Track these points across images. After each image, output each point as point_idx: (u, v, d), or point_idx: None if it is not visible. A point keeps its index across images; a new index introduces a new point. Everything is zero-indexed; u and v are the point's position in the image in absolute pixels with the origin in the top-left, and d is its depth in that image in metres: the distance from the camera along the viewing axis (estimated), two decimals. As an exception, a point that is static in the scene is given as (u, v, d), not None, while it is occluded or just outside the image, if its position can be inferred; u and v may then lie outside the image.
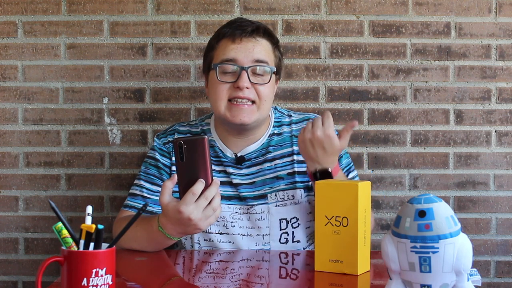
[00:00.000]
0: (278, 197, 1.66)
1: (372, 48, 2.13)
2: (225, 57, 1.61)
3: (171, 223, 1.40)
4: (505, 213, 2.15)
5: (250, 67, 1.60)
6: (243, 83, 1.58)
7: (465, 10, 2.13)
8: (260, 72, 1.62)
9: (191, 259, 1.55)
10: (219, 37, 1.65)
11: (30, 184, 2.13)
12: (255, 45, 1.62)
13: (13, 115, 2.12)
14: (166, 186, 1.38)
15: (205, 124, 1.75)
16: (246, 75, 1.59)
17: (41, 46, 2.11)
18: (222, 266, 1.46)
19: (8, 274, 2.14)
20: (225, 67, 1.61)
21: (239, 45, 1.61)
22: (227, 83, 1.61)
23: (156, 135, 1.76)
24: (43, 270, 0.98)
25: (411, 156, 2.14)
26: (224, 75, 1.62)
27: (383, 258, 1.01)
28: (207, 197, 1.35)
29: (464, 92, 2.14)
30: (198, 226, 1.38)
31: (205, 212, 1.36)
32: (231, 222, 1.66)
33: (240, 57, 1.60)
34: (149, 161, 1.72)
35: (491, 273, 2.16)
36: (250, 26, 1.63)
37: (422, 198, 0.98)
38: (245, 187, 1.67)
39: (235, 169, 1.68)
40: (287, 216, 1.66)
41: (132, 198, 1.69)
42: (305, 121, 1.73)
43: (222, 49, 1.63)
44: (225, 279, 1.31)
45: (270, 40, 1.67)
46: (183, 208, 1.34)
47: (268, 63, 1.63)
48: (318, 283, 1.29)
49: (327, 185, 1.33)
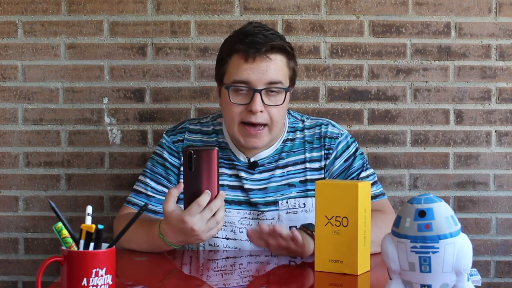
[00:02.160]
0: (289, 205, 1.65)
1: (372, 48, 2.13)
2: (238, 78, 1.55)
3: (172, 231, 1.40)
4: (505, 213, 2.15)
5: (264, 89, 1.56)
6: (256, 107, 1.54)
7: (465, 10, 2.13)
8: (274, 92, 1.57)
9: (198, 258, 1.55)
10: (231, 51, 1.58)
11: (30, 184, 2.13)
12: (269, 65, 1.55)
13: (13, 115, 2.12)
14: (172, 194, 1.38)
15: (217, 124, 1.72)
16: (259, 97, 1.54)
17: (41, 46, 2.11)
18: (230, 262, 1.47)
19: (8, 274, 2.14)
20: (238, 89, 1.57)
21: (252, 65, 1.54)
22: (240, 106, 1.57)
23: (166, 132, 1.73)
24: (43, 270, 0.98)
25: (411, 156, 2.14)
26: (237, 96, 1.57)
27: (383, 258, 1.01)
28: (212, 209, 1.35)
29: (464, 92, 2.14)
30: (200, 237, 1.37)
31: (208, 223, 1.36)
32: (240, 228, 1.64)
33: (253, 78, 1.54)
34: (157, 159, 1.70)
35: (491, 273, 2.16)
36: (264, 46, 1.54)
37: (422, 198, 0.98)
38: (256, 192, 1.65)
39: (247, 174, 1.66)
40: (297, 224, 1.61)
41: (136, 194, 1.68)
42: (318, 126, 1.70)
43: (235, 67, 1.56)
44: (233, 275, 1.31)
45: (285, 55, 1.59)
46: (187, 218, 1.34)
47: (282, 83, 1.58)
48: (318, 283, 1.29)
49: (327, 185, 1.33)
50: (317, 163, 1.67)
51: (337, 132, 1.69)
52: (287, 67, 1.61)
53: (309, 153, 1.68)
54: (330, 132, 1.69)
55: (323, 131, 1.69)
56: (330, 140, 1.68)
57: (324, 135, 1.68)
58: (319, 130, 1.69)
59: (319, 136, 1.69)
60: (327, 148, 1.68)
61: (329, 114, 2.11)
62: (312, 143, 1.69)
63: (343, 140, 1.69)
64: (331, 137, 1.68)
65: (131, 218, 1.07)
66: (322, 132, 1.69)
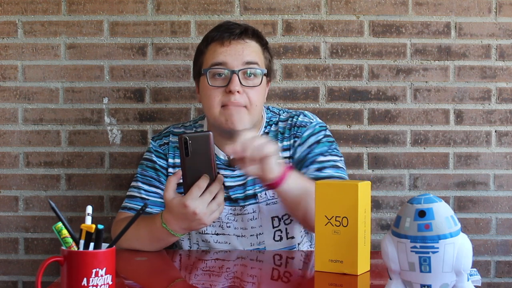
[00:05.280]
0: (268, 196, 1.65)
1: (372, 48, 2.13)
2: (215, 61, 1.60)
3: (175, 219, 1.41)
4: (505, 213, 2.15)
5: (241, 70, 1.59)
6: (234, 87, 1.57)
7: (465, 10, 2.13)
8: (251, 74, 1.60)
9: (189, 257, 1.55)
10: (207, 42, 1.64)
11: (30, 184, 2.13)
12: (244, 47, 1.61)
13: (13, 115, 2.12)
14: (171, 182, 1.40)
15: (199, 126, 1.75)
16: (237, 78, 1.58)
17: (41, 46, 2.11)
18: (218, 264, 1.47)
19: (8, 274, 2.14)
20: (216, 71, 1.60)
21: (228, 48, 1.60)
22: (219, 88, 1.59)
23: (152, 138, 1.77)
24: (43, 270, 0.98)
25: (411, 156, 2.14)
26: (215, 80, 1.60)
27: (383, 258, 1.01)
28: (212, 192, 1.36)
29: (464, 92, 2.14)
30: (203, 221, 1.38)
31: (210, 206, 1.37)
32: (227, 222, 1.66)
33: (229, 60, 1.59)
34: (146, 163, 1.72)
35: (491, 273, 2.16)
36: (238, 28, 1.62)
37: (422, 198, 0.98)
38: (236, 189, 1.66)
39: (228, 171, 1.67)
40: (279, 214, 1.65)
41: (130, 200, 1.69)
42: (290, 117, 1.71)
43: (211, 53, 1.61)
44: (220, 277, 1.31)
45: (259, 41, 1.65)
46: (189, 202, 1.35)
47: (258, 65, 1.62)
48: (318, 283, 1.29)
49: (327, 185, 1.33)
50: (287, 152, 1.68)
51: (307, 121, 1.70)
52: (262, 55, 1.66)
53: (280, 143, 1.69)
54: (300, 121, 1.70)
55: (294, 121, 1.70)
56: (298, 129, 1.69)
57: (294, 124, 1.70)
58: (291, 121, 1.71)
59: (289, 126, 1.70)
60: (294, 137, 1.68)
61: (329, 114, 2.12)
62: (283, 133, 1.70)
63: (310, 128, 1.69)
64: (300, 125, 1.69)
65: (132, 218, 1.08)
66: (293, 122, 1.70)
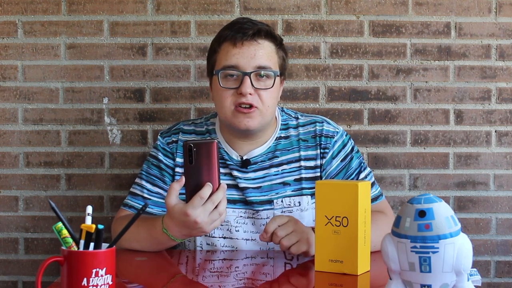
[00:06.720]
0: (285, 203, 1.65)
1: (372, 48, 2.13)
2: (227, 63, 1.58)
3: (176, 225, 1.40)
4: (505, 213, 2.15)
5: (253, 72, 1.57)
6: (246, 89, 1.56)
7: (465, 10, 2.13)
8: (263, 75, 1.59)
9: (194, 258, 1.55)
10: (220, 40, 1.62)
11: (30, 184, 2.13)
12: (257, 49, 1.59)
13: (13, 115, 2.12)
14: (173, 188, 1.38)
15: (210, 124, 1.73)
16: (248, 80, 1.56)
17: (41, 46, 2.11)
18: (226, 264, 1.46)
19: (8, 274, 2.14)
20: (227, 73, 1.59)
21: (241, 50, 1.58)
22: (230, 89, 1.58)
23: (160, 133, 1.74)
24: (43, 270, 0.98)
25: (411, 156, 2.14)
26: (227, 81, 1.59)
27: (383, 258, 1.01)
28: (214, 201, 1.36)
29: (464, 92, 2.14)
30: (203, 230, 1.38)
31: (211, 216, 1.36)
32: (235, 226, 1.64)
33: (241, 63, 1.57)
34: (152, 161, 1.71)
35: (491, 273, 2.16)
36: (252, 29, 1.58)
37: (422, 198, 0.98)
38: (251, 191, 1.65)
39: (241, 172, 1.66)
40: None
41: (132, 197, 1.69)
42: (312, 124, 1.70)
43: (224, 54, 1.60)
44: (229, 277, 1.31)
45: (273, 41, 1.63)
46: (190, 211, 1.34)
47: (271, 67, 1.60)
48: (318, 283, 1.29)
49: (327, 185, 1.33)
50: (312, 162, 1.67)
51: (333, 130, 1.69)
52: (276, 55, 1.63)
53: (304, 151, 1.68)
54: (326, 130, 1.69)
55: (318, 129, 1.69)
56: (326, 139, 1.68)
57: (319, 133, 1.68)
58: (314, 128, 1.69)
59: (314, 135, 1.69)
60: (323, 147, 1.67)
61: (329, 114, 2.11)
62: (307, 141, 1.69)
63: (339, 139, 1.69)
64: (327, 135, 1.68)
65: (132, 218, 1.08)
66: (317, 130, 1.69)
